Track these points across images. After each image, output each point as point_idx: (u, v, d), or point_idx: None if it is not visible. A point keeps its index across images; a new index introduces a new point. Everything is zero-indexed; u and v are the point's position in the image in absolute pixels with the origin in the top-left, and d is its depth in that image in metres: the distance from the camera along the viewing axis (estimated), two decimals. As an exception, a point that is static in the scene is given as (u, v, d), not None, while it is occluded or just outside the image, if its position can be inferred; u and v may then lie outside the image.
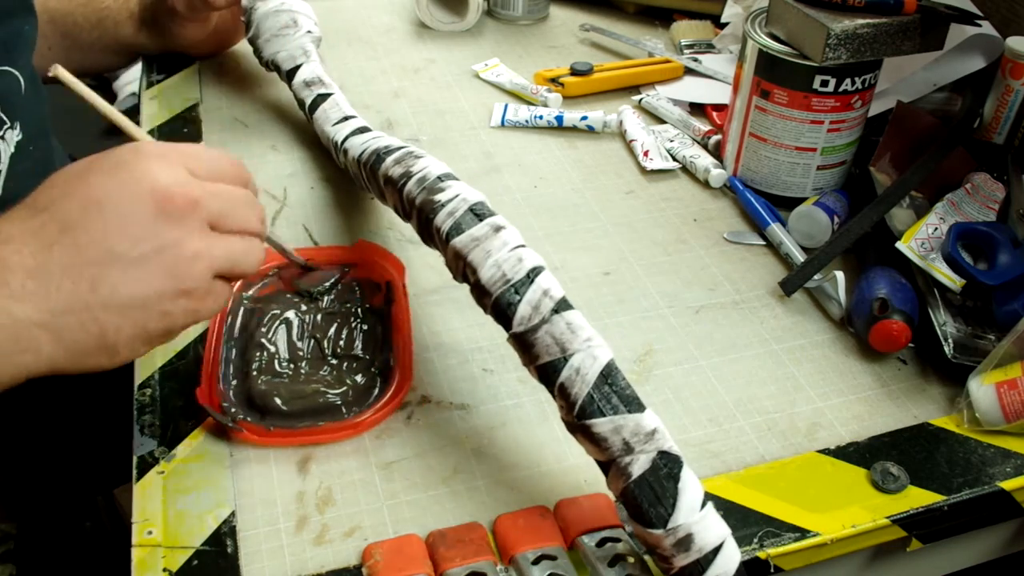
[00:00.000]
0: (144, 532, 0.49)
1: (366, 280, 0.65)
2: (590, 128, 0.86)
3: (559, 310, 0.48)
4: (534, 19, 1.07)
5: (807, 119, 0.72)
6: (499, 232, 0.50)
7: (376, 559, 0.47)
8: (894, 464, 0.54)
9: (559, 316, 0.47)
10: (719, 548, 0.44)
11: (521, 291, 0.48)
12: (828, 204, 0.72)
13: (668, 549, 0.44)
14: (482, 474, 0.53)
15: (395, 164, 0.58)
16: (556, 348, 0.46)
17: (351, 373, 0.58)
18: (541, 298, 0.48)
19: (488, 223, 0.51)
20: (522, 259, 0.49)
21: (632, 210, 0.76)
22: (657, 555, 0.45)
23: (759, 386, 0.60)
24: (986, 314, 0.62)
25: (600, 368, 0.46)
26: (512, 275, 0.49)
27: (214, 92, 0.89)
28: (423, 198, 0.54)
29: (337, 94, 0.76)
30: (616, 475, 0.45)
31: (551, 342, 0.47)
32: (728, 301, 0.67)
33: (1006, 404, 0.55)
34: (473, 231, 0.51)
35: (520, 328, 0.48)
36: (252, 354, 0.58)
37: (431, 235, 0.53)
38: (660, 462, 0.44)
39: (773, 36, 0.73)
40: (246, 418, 0.54)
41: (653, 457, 0.44)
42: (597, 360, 0.46)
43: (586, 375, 0.46)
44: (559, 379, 0.46)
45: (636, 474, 0.44)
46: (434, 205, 0.53)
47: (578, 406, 0.46)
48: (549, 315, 0.47)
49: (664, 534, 0.43)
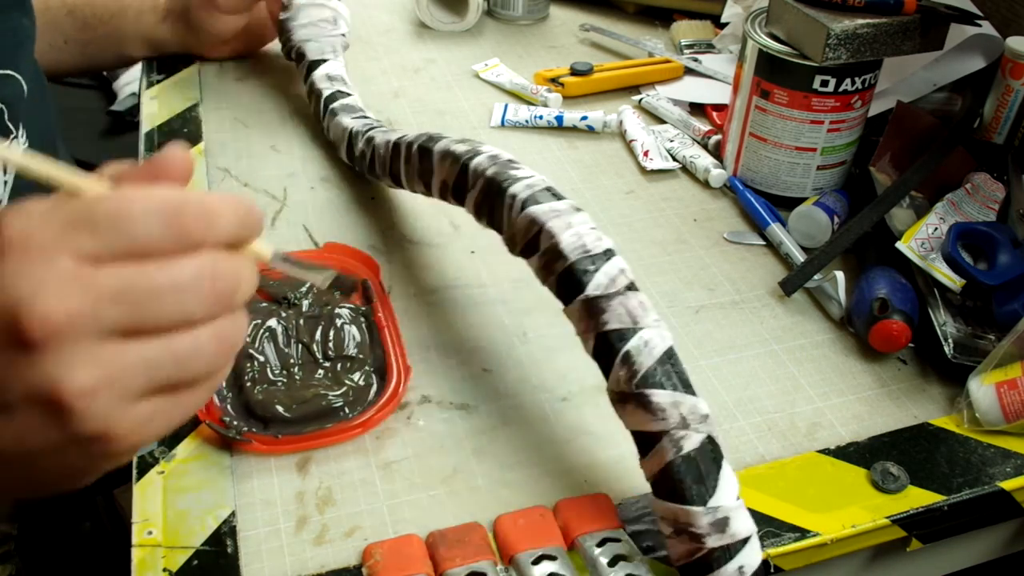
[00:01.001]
0: (144, 532, 0.49)
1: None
2: (590, 128, 0.86)
3: (632, 288, 0.49)
4: (534, 19, 1.07)
5: (807, 119, 0.72)
6: (579, 212, 0.52)
7: (376, 559, 0.47)
8: (894, 464, 0.54)
9: (633, 293, 0.49)
10: (748, 540, 0.45)
11: (598, 263, 0.49)
12: (828, 204, 0.72)
13: (704, 527, 0.44)
14: (482, 474, 0.54)
15: (459, 143, 0.59)
16: (628, 319, 0.47)
17: (347, 373, 0.58)
18: (618, 274, 0.49)
19: (568, 202, 0.52)
20: (601, 238, 0.50)
21: (632, 210, 0.76)
22: (687, 534, 0.45)
23: (759, 386, 0.60)
24: (986, 314, 0.62)
25: (666, 347, 0.47)
26: (592, 248, 0.50)
27: (214, 92, 0.89)
28: (497, 170, 0.55)
29: (357, 97, 0.78)
30: (664, 448, 0.45)
31: (623, 312, 0.48)
32: (728, 301, 0.67)
33: (1006, 404, 0.55)
34: (554, 204, 0.52)
35: (595, 293, 0.48)
36: (242, 365, 0.57)
37: (498, 204, 0.54)
38: (708, 445, 0.45)
39: (773, 36, 0.73)
40: (251, 429, 0.54)
41: (703, 439, 0.45)
42: (664, 339, 0.47)
43: (653, 349, 0.47)
44: (626, 346, 0.47)
45: (686, 449, 0.45)
46: (510, 177, 0.54)
47: (641, 374, 0.46)
48: (623, 290, 0.48)
49: (703, 512, 0.44)
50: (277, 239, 0.71)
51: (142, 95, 0.89)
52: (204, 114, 0.85)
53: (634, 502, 0.52)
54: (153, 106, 0.86)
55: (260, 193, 0.76)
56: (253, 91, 0.90)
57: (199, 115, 0.85)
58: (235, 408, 0.55)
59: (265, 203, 0.75)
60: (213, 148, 0.79)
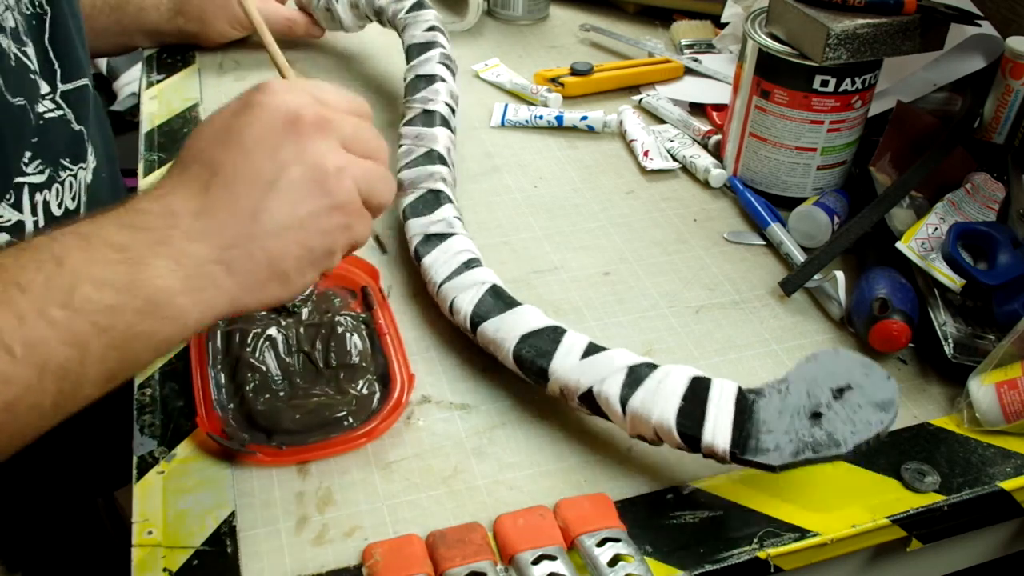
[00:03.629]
0: (144, 532, 0.49)
1: (339, 287, 0.64)
2: (590, 128, 0.86)
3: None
4: (534, 19, 1.07)
5: (807, 119, 0.72)
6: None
7: (376, 559, 0.47)
8: (925, 463, 0.54)
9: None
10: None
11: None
12: (828, 204, 0.72)
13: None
14: (482, 474, 0.53)
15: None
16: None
17: (350, 382, 0.57)
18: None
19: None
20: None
21: (632, 210, 0.76)
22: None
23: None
24: (986, 314, 0.62)
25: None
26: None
27: (214, 92, 0.89)
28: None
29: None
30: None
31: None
32: (728, 301, 0.67)
33: (1006, 404, 0.55)
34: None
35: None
36: (244, 375, 0.56)
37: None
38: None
39: (773, 36, 0.73)
40: (254, 440, 0.53)
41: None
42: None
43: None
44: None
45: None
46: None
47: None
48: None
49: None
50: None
51: (142, 95, 0.89)
52: (204, 114, 0.85)
53: (634, 502, 0.52)
54: (153, 106, 0.86)
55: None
56: (253, 91, 0.90)
57: (199, 115, 0.85)
58: (237, 419, 0.55)
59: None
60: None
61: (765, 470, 0.49)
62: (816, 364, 0.51)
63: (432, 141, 0.72)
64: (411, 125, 0.74)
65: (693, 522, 0.51)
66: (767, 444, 0.48)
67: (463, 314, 0.59)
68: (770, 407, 0.50)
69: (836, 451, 0.48)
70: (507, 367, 0.57)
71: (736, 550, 0.49)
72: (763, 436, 0.49)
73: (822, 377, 0.51)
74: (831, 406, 0.49)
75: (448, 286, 0.61)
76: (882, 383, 0.50)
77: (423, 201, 0.68)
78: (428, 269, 0.63)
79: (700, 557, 0.49)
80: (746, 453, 0.48)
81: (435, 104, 0.75)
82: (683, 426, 0.50)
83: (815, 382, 0.51)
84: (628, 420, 0.51)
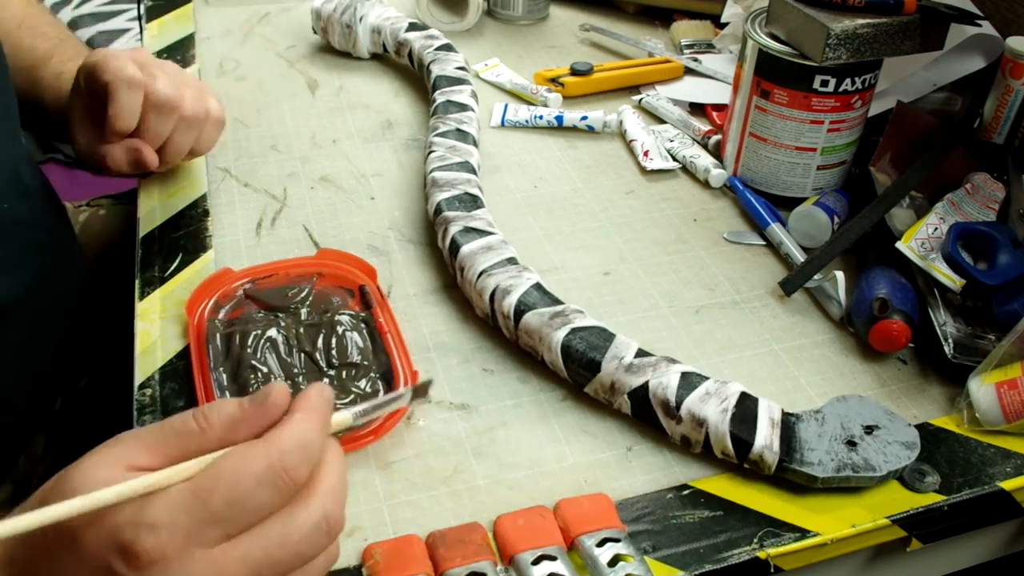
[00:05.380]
0: (144, 532, 0.49)
1: (337, 287, 0.64)
2: (590, 128, 0.86)
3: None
4: (534, 19, 1.07)
5: (807, 119, 0.72)
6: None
7: (376, 559, 0.47)
8: (925, 463, 0.54)
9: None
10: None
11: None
12: (828, 204, 0.72)
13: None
14: (482, 474, 0.54)
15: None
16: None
17: (353, 381, 0.57)
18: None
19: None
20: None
21: (632, 210, 0.76)
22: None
23: (759, 386, 0.60)
24: (986, 314, 0.62)
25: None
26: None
27: (214, 92, 0.89)
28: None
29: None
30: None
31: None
32: (728, 301, 0.67)
33: (1006, 404, 0.55)
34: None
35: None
36: (246, 377, 0.56)
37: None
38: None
39: (773, 36, 0.73)
40: None
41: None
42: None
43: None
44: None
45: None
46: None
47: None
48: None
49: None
50: (277, 239, 0.71)
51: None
52: (204, 114, 0.85)
53: (634, 502, 0.52)
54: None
55: (260, 193, 0.76)
56: (253, 91, 0.90)
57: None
58: None
59: (265, 203, 0.75)
60: (213, 148, 0.79)
61: (808, 482, 0.52)
62: (846, 404, 0.56)
63: (467, 155, 0.75)
64: (445, 137, 0.77)
65: (693, 522, 0.51)
66: (811, 459, 0.52)
67: (508, 302, 0.60)
68: (810, 430, 0.54)
69: (872, 474, 0.52)
70: (543, 359, 0.59)
71: (736, 550, 0.49)
72: (807, 452, 0.52)
73: (852, 415, 0.55)
74: (863, 438, 0.54)
75: (490, 277, 0.62)
76: (905, 428, 0.54)
77: (460, 200, 0.69)
78: (467, 257, 0.64)
79: (700, 557, 0.49)
80: (793, 463, 0.52)
81: (469, 127, 0.79)
82: (737, 431, 0.53)
83: (847, 417, 0.55)
84: (681, 418, 0.54)
